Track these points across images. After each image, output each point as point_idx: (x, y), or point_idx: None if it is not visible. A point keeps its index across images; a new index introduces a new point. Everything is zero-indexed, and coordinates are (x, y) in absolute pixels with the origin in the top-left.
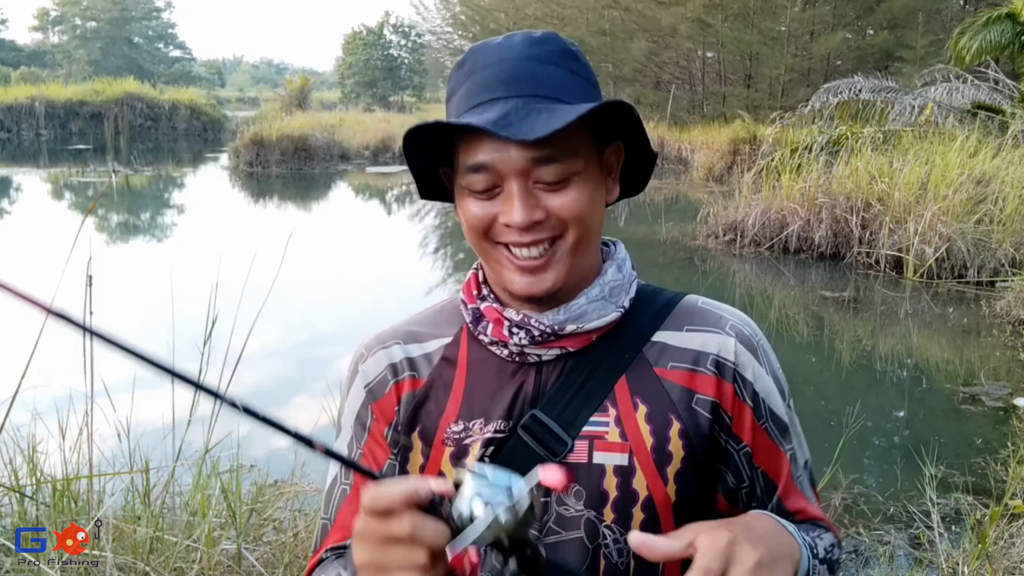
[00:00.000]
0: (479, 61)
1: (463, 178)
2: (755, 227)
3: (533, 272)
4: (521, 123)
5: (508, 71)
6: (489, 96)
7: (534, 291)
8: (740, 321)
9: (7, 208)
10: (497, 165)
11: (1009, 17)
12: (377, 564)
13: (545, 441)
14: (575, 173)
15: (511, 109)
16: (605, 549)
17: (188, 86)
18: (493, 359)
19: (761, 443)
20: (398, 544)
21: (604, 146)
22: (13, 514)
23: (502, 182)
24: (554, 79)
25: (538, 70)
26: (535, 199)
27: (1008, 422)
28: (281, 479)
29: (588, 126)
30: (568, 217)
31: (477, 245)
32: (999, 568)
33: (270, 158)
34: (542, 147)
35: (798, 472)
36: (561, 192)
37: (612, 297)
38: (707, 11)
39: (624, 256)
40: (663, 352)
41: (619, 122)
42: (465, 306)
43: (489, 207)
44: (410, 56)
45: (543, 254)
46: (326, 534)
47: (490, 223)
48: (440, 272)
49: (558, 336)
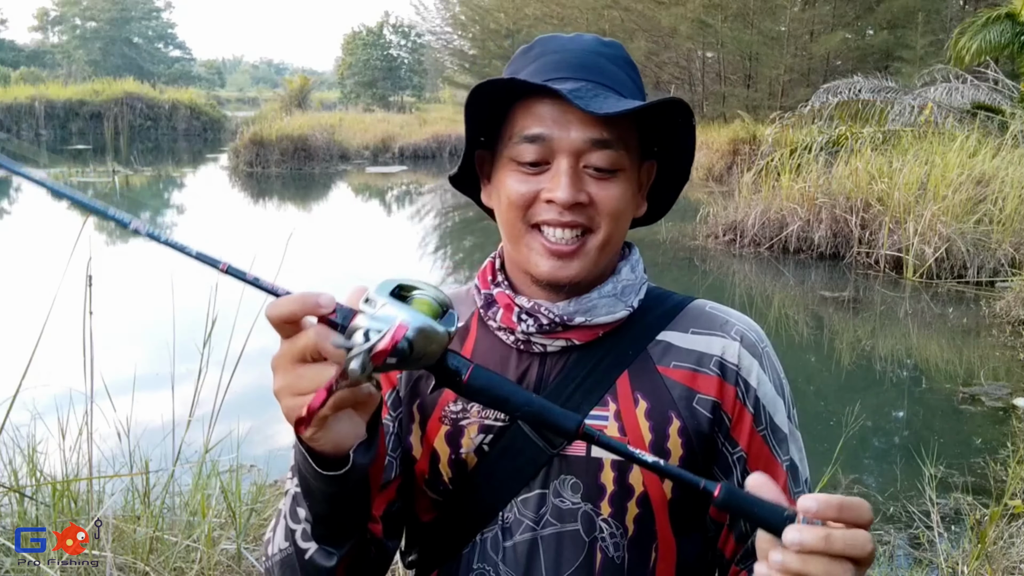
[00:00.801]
0: (550, 46)
1: (513, 149)
2: (755, 227)
3: (561, 257)
4: (592, 99)
5: (578, 58)
6: (560, 75)
7: (558, 275)
8: (747, 327)
9: (7, 208)
10: (555, 139)
11: (1009, 17)
12: (292, 387)
13: (544, 432)
14: (623, 169)
15: (582, 87)
16: (602, 543)
17: (188, 86)
18: (499, 346)
19: (757, 450)
20: (308, 362)
21: (643, 160)
22: (13, 514)
23: (552, 158)
24: (618, 77)
25: (606, 65)
26: (581, 182)
27: (1008, 422)
28: (281, 479)
29: (639, 132)
30: (607, 211)
31: (512, 225)
32: (998, 568)
33: (270, 158)
34: (602, 128)
35: (798, 487)
36: (607, 183)
37: (623, 296)
38: (707, 11)
39: (638, 259)
40: (667, 351)
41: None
42: (478, 291)
43: (534, 183)
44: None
45: (574, 240)
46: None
47: (532, 199)
48: (440, 272)
49: (566, 327)
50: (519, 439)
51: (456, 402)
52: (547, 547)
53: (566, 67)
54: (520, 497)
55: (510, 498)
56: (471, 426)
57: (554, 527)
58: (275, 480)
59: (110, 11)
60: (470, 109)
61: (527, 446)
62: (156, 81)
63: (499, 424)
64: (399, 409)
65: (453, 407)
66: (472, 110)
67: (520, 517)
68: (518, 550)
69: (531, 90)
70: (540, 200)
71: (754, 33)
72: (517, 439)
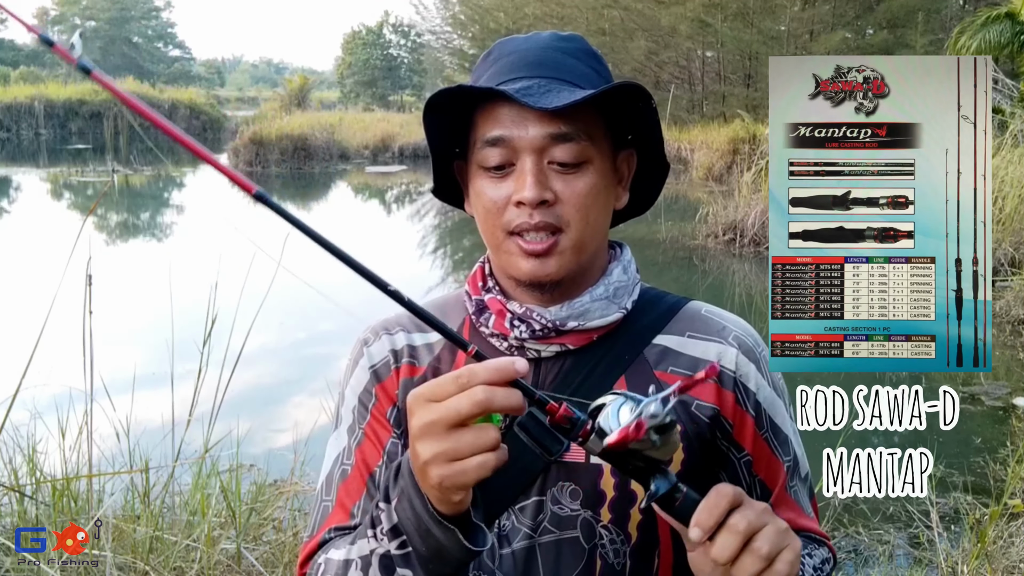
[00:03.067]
0: (506, 48)
1: (478, 155)
2: (755, 227)
3: (537, 256)
4: (543, 95)
5: (534, 56)
6: (513, 75)
7: (538, 274)
8: (743, 331)
9: (7, 208)
10: (514, 139)
11: (1008, 16)
12: (448, 453)
13: (541, 439)
14: (589, 160)
15: (534, 84)
16: (602, 549)
17: (187, 86)
18: (492, 353)
19: (761, 452)
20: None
21: (618, 149)
22: (13, 514)
23: (516, 159)
24: (577, 70)
25: (562, 59)
26: (547, 179)
27: (1007, 422)
28: (281, 479)
29: (605, 121)
30: (574, 205)
31: (491, 234)
32: (998, 567)
33: (269, 158)
34: (560, 123)
35: (793, 483)
36: (573, 177)
37: (616, 298)
38: (707, 11)
39: (630, 259)
40: (664, 355)
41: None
42: (469, 297)
43: (503, 187)
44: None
45: (546, 240)
46: (327, 516)
47: (504, 204)
48: (439, 272)
49: (559, 332)
50: (515, 447)
51: None
52: (545, 555)
53: (521, 67)
54: (518, 505)
55: (507, 506)
56: None
57: (552, 534)
58: (275, 480)
59: (110, 11)
60: (428, 122)
61: (523, 453)
62: (156, 81)
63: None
64: (403, 426)
65: None
66: (430, 123)
67: (518, 525)
68: (516, 558)
69: (483, 95)
70: (511, 204)
71: (754, 33)
72: (513, 447)
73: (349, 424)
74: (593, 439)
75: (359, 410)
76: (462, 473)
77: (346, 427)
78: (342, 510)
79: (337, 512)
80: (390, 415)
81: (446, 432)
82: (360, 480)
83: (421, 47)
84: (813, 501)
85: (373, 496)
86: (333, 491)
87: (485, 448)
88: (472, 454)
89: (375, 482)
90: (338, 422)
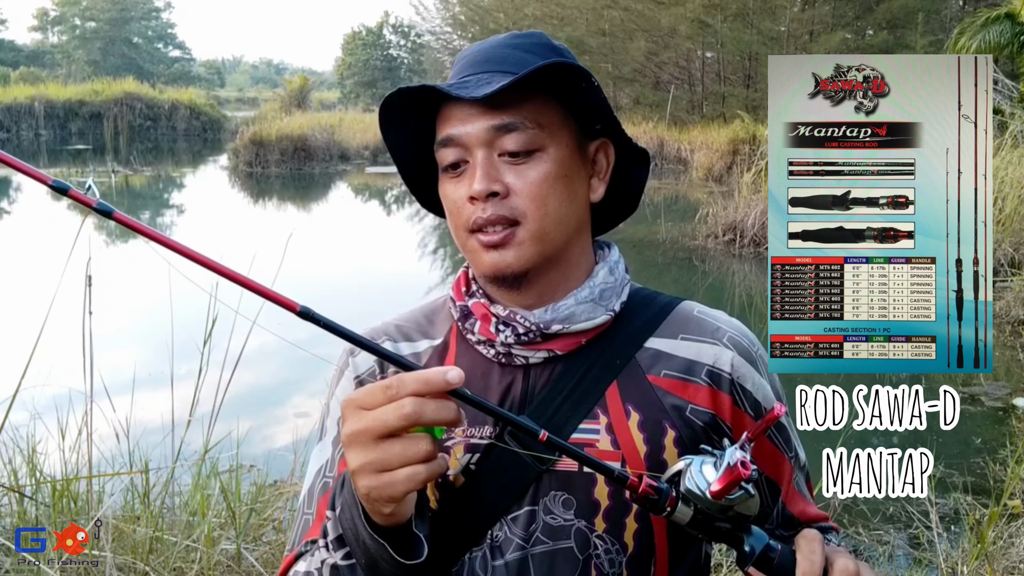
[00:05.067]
0: (467, 53)
1: (438, 157)
2: (754, 227)
3: (496, 247)
4: (477, 87)
5: (483, 55)
6: (463, 75)
7: (499, 265)
8: (737, 332)
9: (7, 208)
10: (462, 136)
11: (1008, 17)
12: (376, 463)
13: (532, 448)
14: (541, 148)
15: (471, 79)
16: (596, 560)
17: (187, 86)
18: (480, 361)
19: (764, 449)
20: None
21: (588, 138)
22: (13, 514)
23: (469, 156)
24: (527, 61)
25: (511, 53)
26: (497, 171)
27: (1007, 422)
28: (280, 479)
29: (561, 106)
30: (527, 195)
31: (457, 235)
32: (998, 568)
33: (269, 158)
34: (503, 114)
35: (797, 476)
36: (525, 167)
37: (602, 300)
38: (707, 11)
39: (617, 259)
40: (656, 359)
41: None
42: (454, 303)
43: (460, 186)
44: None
45: (502, 231)
46: (307, 529)
47: (463, 204)
48: (439, 272)
49: (544, 336)
50: (506, 457)
51: None
52: (538, 565)
53: (470, 66)
54: (510, 515)
55: (499, 516)
56: (457, 447)
57: (545, 545)
58: (274, 480)
59: (110, 11)
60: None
61: (514, 463)
62: (156, 81)
63: (485, 442)
64: None
65: None
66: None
67: (510, 536)
68: (509, 569)
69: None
70: (466, 202)
71: (754, 33)
72: (504, 457)
73: (334, 436)
74: (681, 508)
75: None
76: (390, 485)
77: (331, 439)
78: (319, 522)
79: (316, 525)
80: None
81: (374, 442)
82: None
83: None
84: (809, 485)
85: None
86: (314, 504)
87: (415, 460)
88: (401, 465)
89: None
90: (323, 433)
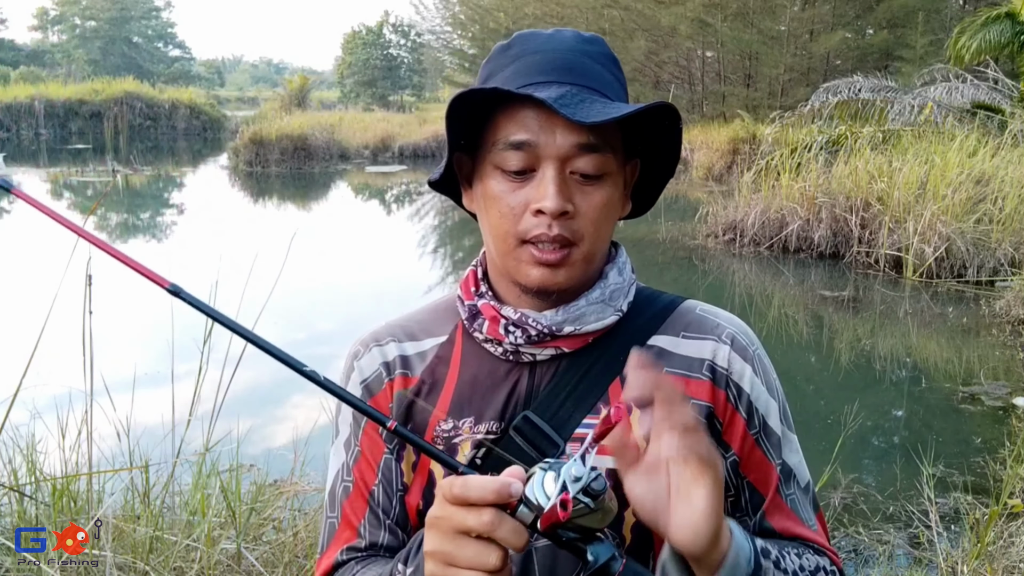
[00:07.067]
0: (529, 46)
1: (497, 156)
2: (754, 227)
3: (550, 266)
4: (578, 106)
5: (561, 59)
6: (542, 78)
7: (548, 284)
8: (737, 329)
9: (7, 208)
10: (540, 145)
11: (1008, 16)
12: (447, 556)
13: (537, 443)
14: (609, 173)
15: (566, 92)
16: None
17: (187, 85)
18: (487, 358)
19: (750, 453)
20: (472, 539)
21: (627, 158)
22: (13, 514)
23: (538, 165)
24: (602, 77)
25: (589, 65)
26: (568, 190)
27: (1007, 421)
28: (281, 478)
29: (623, 134)
30: (590, 219)
31: (501, 239)
32: (998, 567)
33: (269, 157)
34: (588, 133)
35: (790, 490)
36: (593, 189)
37: (612, 301)
38: (707, 11)
39: (625, 260)
40: (659, 356)
41: (657, 132)
42: (462, 303)
43: (521, 193)
44: (410, 56)
45: (560, 251)
46: (335, 533)
47: (522, 212)
48: (439, 271)
49: (554, 336)
50: (512, 451)
51: (447, 420)
52: (541, 559)
53: (549, 69)
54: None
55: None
56: (464, 443)
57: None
58: (275, 479)
59: (110, 10)
60: (452, 117)
61: (520, 457)
62: (156, 80)
63: (491, 437)
64: (394, 441)
65: (444, 426)
66: (453, 118)
67: None
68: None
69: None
70: (529, 212)
71: (754, 33)
72: (510, 451)
73: (345, 438)
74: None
75: (354, 426)
76: None
77: (343, 441)
78: (349, 528)
79: (344, 530)
80: (382, 431)
81: (453, 533)
82: (362, 498)
83: (421, 47)
84: (819, 515)
85: (376, 513)
86: (337, 508)
87: (482, 568)
88: (468, 567)
89: (375, 500)
90: (336, 433)
